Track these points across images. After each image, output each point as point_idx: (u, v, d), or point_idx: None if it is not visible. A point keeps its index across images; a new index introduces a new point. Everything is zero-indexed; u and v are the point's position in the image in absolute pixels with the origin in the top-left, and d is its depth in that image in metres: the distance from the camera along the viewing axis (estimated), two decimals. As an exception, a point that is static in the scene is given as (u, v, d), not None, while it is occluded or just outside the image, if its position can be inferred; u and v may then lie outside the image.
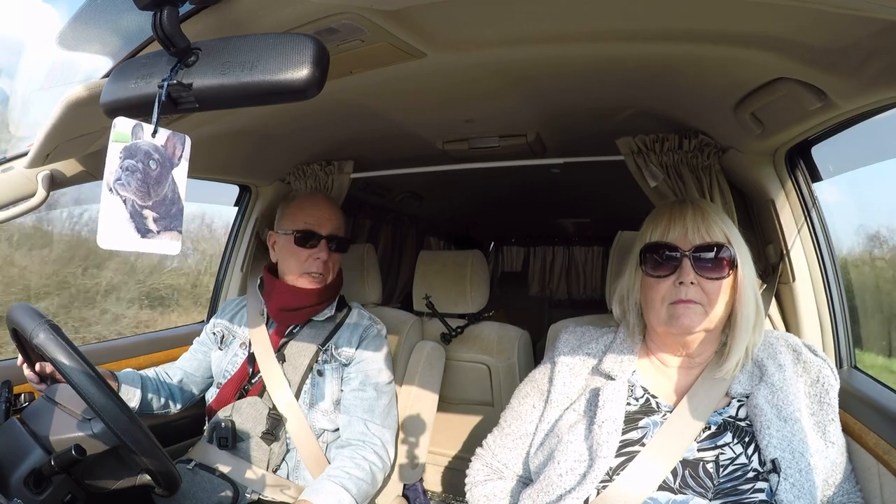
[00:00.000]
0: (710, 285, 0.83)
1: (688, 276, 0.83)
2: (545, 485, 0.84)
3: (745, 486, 0.76)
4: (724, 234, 0.85)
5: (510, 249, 4.52)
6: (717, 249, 0.83)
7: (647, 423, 0.84)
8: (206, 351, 1.36)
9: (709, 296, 0.83)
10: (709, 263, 0.83)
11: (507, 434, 0.98)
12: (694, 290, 0.83)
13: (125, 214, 0.54)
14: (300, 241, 1.28)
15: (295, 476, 1.20)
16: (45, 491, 0.78)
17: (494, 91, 1.08)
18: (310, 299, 1.28)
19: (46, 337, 0.78)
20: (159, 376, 1.31)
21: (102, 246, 0.53)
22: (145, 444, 0.79)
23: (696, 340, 0.86)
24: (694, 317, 0.83)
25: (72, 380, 0.75)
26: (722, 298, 0.83)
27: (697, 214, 0.86)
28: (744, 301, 0.83)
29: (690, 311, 0.83)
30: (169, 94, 0.55)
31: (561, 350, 0.98)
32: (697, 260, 0.83)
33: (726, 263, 0.83)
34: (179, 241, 0.58)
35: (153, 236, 0.56)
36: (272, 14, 0.63)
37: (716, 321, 0.84)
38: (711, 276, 0.83)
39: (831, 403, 0.83)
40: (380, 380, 1.25)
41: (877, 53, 0.65)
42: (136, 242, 0.55)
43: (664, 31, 0.75)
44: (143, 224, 0.55)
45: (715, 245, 0.84)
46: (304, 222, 1.29)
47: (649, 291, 0.87)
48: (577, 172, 1.65)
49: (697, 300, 0.83)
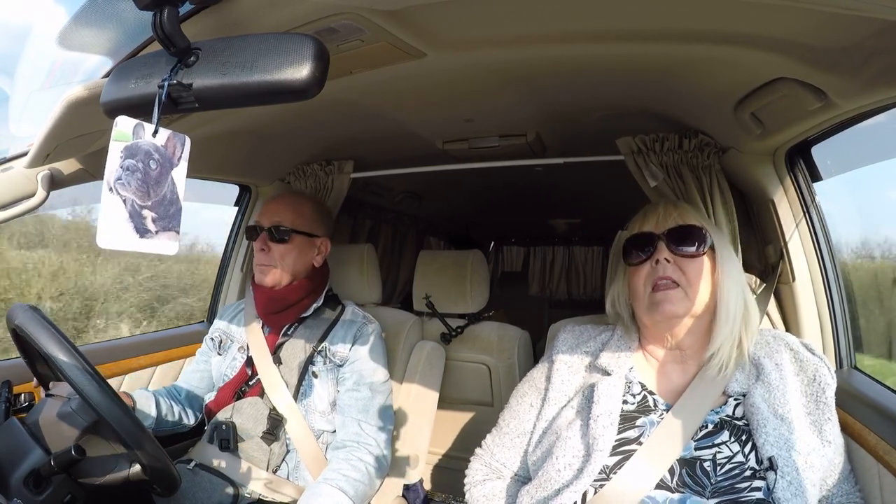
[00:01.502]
0: (687, 264, 0.86)
1: (662, 254, 0.87)
2: (543, 480, 0.84)
3: (742, 485, 0.76)
4: (698, 221, 0.89)
5: (510, 249, 4.52)
6: (689, 229, 0.87)
7: (645, 422, 0.84)
8: (208, 360, 1.37)
9: (687, 276, 0.86)
10: (683, 241, 0.87)
11: (505, 433, 0.98)
12: (671, 268, 0.86)
13: (125, 214, 0.54)
14: (248, 237, 1.32)
15: (295, 476, 1.20)
16: (45, 491, 0.78)
17: (494, 91, 1.08)
18: (284, 298, 1.28)
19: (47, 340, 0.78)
20: (170, 393, 1.32)
21: (101, 245, 0.53)
22: (146, 445, 0.79)
23: (683, 329, 0.87)
24: (675, 301, 0.85)
25: (72, 380, 0.75)
26: (702, 280, 0.86)
27: (670, 206, 0.92)
28: (725, 287, 0.85)
29: (671, 295, 0.85)
30: (169, 94, 0.55)
31: (559, 349, 0.98)
32: (671, 239, 0.87)
33: (700, 242, 0.86)
34: (177, 242, 0.58)
35: (151, 236, 0.56)
36: (272, 14, 0.63)
37: (699, 306, 0.85)
38: (686, 253, 0.86)
39: (827, 403, 0.83)
40: (374, 379, 1.25)
41: (877, 53, 0.65)
42: (134, 242, 0.55)
43: (664, 31, 0.75)
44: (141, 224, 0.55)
45: (688, 226, 0.88)
46: (256, 218, 1.32)
47: (632, 280, 0.91)
48: (576, 172, 1.65)
49: (675, 279, 0.86)
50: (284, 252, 1.28)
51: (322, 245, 1.35)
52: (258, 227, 1.29)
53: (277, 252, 1.27)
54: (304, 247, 1.31)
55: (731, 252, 0.90)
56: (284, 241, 1.28)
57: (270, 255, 1.27)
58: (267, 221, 1.29)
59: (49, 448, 0.81)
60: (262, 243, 1.27)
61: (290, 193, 1.40)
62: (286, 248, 1.28)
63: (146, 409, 1.21)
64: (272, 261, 1.27)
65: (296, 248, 1.29)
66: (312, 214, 1.34)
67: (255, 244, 1.28)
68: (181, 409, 1.32)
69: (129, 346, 1.45)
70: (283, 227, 1.28)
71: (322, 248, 1.36)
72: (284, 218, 1.29)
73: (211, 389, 1.34)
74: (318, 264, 1.35)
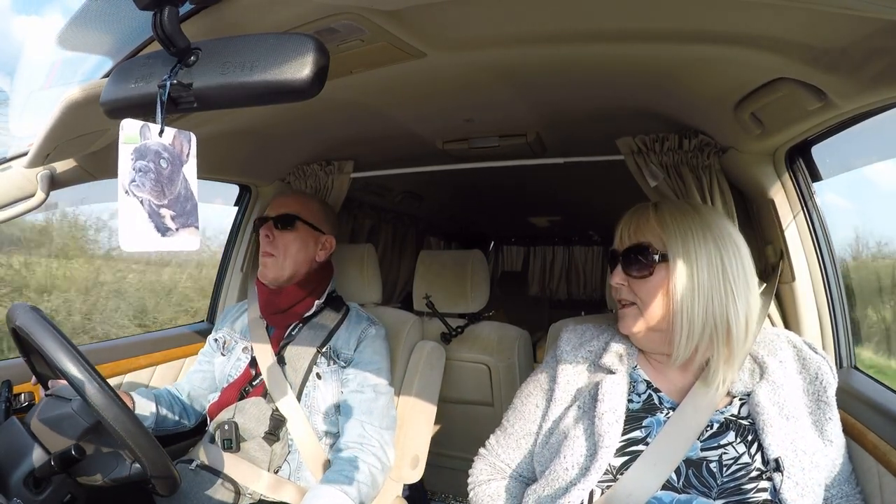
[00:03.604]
0: (637, 285, 0.87)
1: (616, 278, 0.89)
2: (550, 480, 0.84)
3: (748, 486, 0.76)
4: (656, 236, 0.85)
5: (510, 249, 4.52)
6: (638, 249, 0.86)
7: (651, 422, 0.84)
8: (211, 361, 1.37)
9: (639, 296, 0.86)
10: (632, 263, 0.87)
11: (510, 434, 0.98)
12: (626, 290, 0.88)
13: (144, 215, 0.54)
14: (255, 227, 1.35)
15: (297, 477, 1.20)
16: (45, 491, 0.78)
17: (494, 91, 1.08)
18: (287, 297, 1.28)
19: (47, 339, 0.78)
20: (171, 394, 1.33)
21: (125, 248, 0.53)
22: (146, 445, 0.79)
23: (654, 341, 0.88)
24: (629, 318, 0.88)
25: (72, 380, 0.75)
26: (655, 298, 0.85)
27: (633, 217, 0.90)
28: (677, 299, 0.82)
29: (626, 312, 0.88)
30: (169, 94, 0.55)
31: (563, 348, 0.98)
32: (626, 261, 0.88)
33: (647, 262, 0.85)
34: (198, 237, 0.59)
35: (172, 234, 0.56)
36: (272, 14, 0.63)
37: (657, 321, 0.85)
38: (634, 275, 0.87)
39: (828, 402, 0.82)
40: (378, 381, 1.25)
41: (877, 53, 0.65)
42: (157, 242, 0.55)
43: (664, 31, 0.75)
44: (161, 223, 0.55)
45: (636, 245, 0.87)
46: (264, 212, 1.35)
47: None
48: (576, 172, 1.65)
49: (631, 300, 0.88)
50: (289, 241, 1.29)
51: (326, 242, 1.36)
52: (265, 217, 1.32)
53: (282, 241, 1.29)
54: (308, 239, 1.32)
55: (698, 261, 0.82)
56: (290, 228, 1.30)
57: (274, 244, 1.28)
58: (274, 212, 1.31)
59: (49, 448, 0.81)
60: (267, 230, 1.29)
61: (294, 192, 1.43)
62: (291, 237, 1.29)
63: (146, 409, 1.21)
64: (275, 249, 1.28)
65: (300, 238, 1.30)
66: (319, 211, 1.36)
67: (261, 232, 1.30)
68: (182, 409, 1.32)
69: (129, 345, 1.45)
70: (290, 213, 1.30)
71: (326, 245, 1.36)
72: (292, 208, 1.32)
73: (213, 390, 1.34)
74: (321, 259, 1.35)
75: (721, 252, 0.83)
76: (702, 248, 0.83)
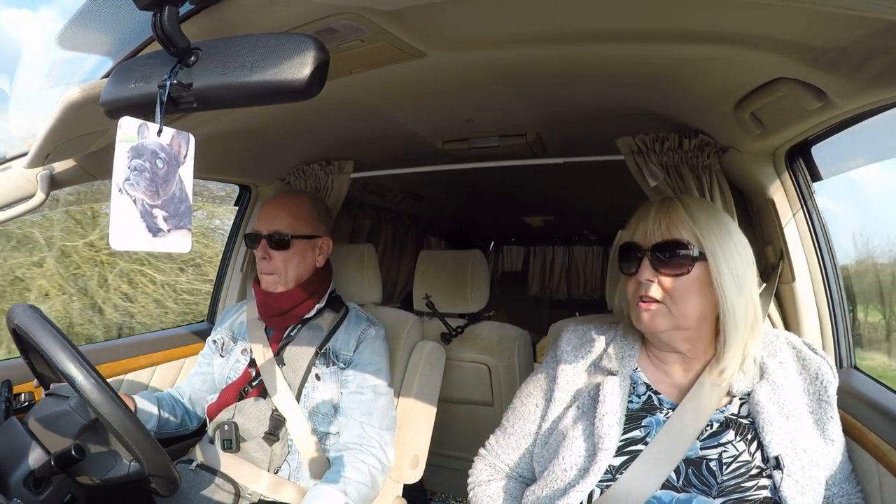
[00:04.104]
0: (670, 282, 0.83)
1: (644, 274, 0.84)
2: (549, 480, 0.84)
3: (748, 484, 0.76)
4: (690, 232, 0.83)
5: (510, 249, 4.51)
6: (673, 246, 0.83)
7: (650, 421, 0.84)
8: (210, 362, 1.37)
9: (671, 294, 0.83)
10: (666, 260, 0.83)
11: (510, 434, 0.98)
12: (654, 287, 0.83)
13: (136, 214, 0.54)
14: (248, 244, 1.32)
15: (296, 477, 1.19)
16: (45, 491, 0.78)
17: (494, 91, 1.08)
18: (286, 301, 1.27)
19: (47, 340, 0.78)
20: (172, 397, 1.32)
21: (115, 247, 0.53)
22: (145, 445, 0.79)
23: (675, 339, 0.86)
24: (656, 317, 0.83)
25: (71, 380, 0.75)
26: (689, 296, 0.82)
27: (661, 212, 0.86)
28: (727, 295, 0.81)
29: (652, 310, 0.84)
30: (169, 94, 0.55)
31: (563, 348, 0.98)
32: (655, 257, 0.84)
33: (686, 260, 0.82)
34: (189, 239, 0.58)
35: (164, 235, 0.56)
36: (272, 14, 0.63)
37: (686, 320, 0.83)
38: (668, 273, 0.83)
39: (829, 401, 0.83)
40: (378, 381, 1.24)
41: (877, 53, 0.65)
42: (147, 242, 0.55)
43: (664, 31, 0.75)
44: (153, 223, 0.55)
45: (672, 242, 0.83)
46: (254, 226, 1.30)
47: (625, 289, 0.91)
48: (576, 172, 1.65)
49: (659, 298, 0.83)
50: (286, 258, 1.26)
51: (323, 244, 1.35)
52: (257, 235, 1.27)
53: (279, 259, 1.26)
54: (306, 250, 1.30)
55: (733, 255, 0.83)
56: (284, 248, 1.26)
57: (272, 263, 1.26)
58: (265, 228, 1.27)
59: (49, 448, 0.81)
60: (262, 251, 1.26)
61: (286, 195, 1.38)
62: (287, 255, 1.27)
63: (148, 411, 1.21)
64: (274, 268, 1.26)
65: (297, 254, 1.28)
66: (311, 215, 1.32)
67: (256, 252, 1.27)
68: (184, 412, 1.32)
69: (129, 346, 1.44)
70: (282, 233, 1.26)
71: (323, 248, 1.35)
72: (283, 224, 1.27)
73: (213, 392, 1.34)
74: (321, 265, 1.34)
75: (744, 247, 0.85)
76: (730, 243, 0.83)
